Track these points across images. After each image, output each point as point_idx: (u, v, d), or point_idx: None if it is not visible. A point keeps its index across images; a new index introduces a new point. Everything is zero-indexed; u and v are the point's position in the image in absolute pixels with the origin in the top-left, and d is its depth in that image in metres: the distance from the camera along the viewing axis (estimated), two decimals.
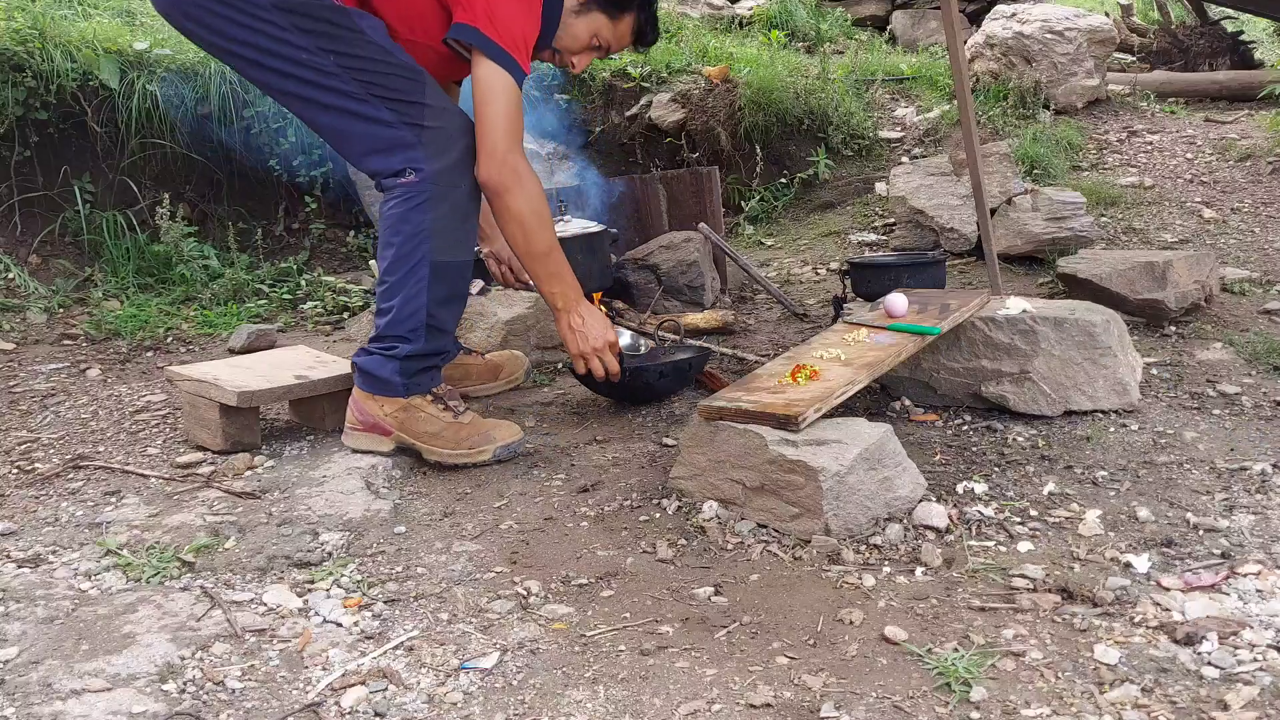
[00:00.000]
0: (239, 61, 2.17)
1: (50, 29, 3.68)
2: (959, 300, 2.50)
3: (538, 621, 1.64)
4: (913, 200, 4.20)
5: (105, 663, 1.50)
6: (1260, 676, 1.41)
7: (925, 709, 1.37)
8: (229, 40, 2.13)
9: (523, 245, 2.23)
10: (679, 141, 5.12)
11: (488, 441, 2.25)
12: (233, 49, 2.15)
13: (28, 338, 3.28)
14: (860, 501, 1.87)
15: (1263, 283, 3.60)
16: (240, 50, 2.14)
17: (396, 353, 2.22)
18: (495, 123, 2.09)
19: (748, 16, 6.67)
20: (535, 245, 2.21)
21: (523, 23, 2.12)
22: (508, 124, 2.10)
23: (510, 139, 2.10)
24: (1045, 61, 5.25)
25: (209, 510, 2.04)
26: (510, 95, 2.09)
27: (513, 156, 2.11)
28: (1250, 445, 2.26)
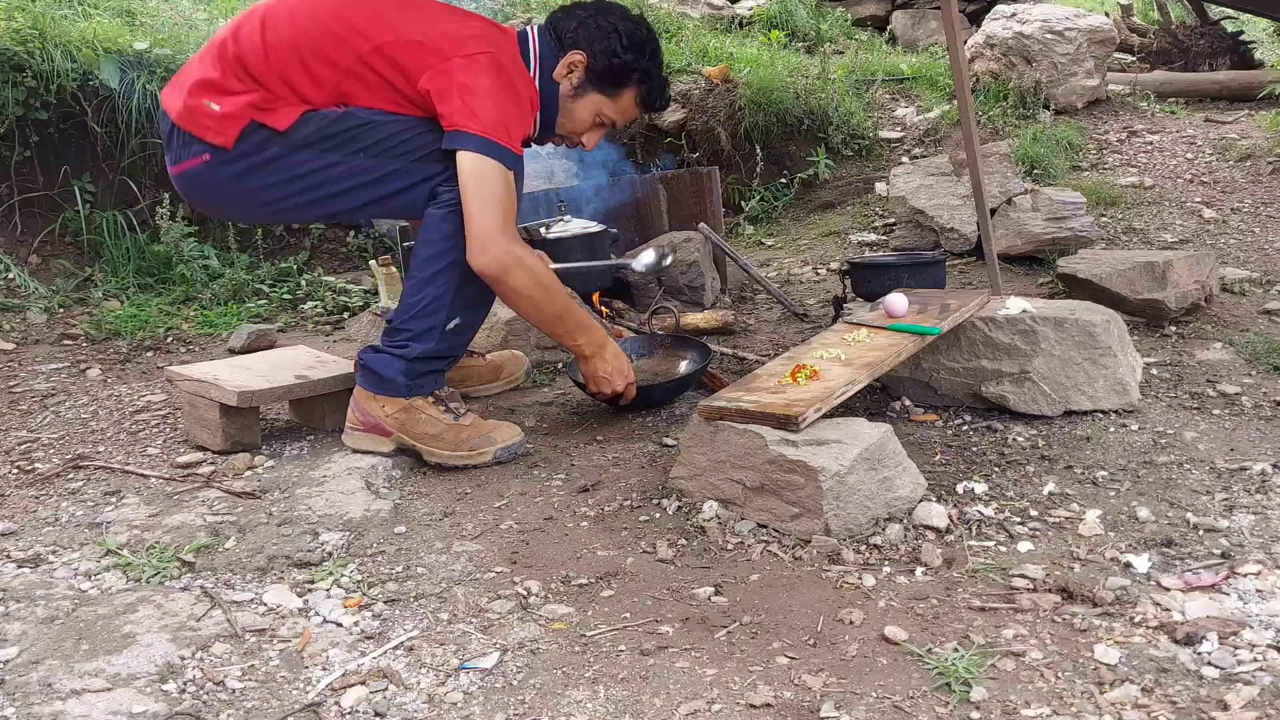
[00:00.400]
0: (291, 214, 2.30)
1: (50, 29, 3.68)
2: (959, 300, 2.50)
3: (538, 621, 1.64)
4: (913, 200, 4.20)
5: (105, 663, 1.50)
6: (1260, 676, 1.41)
7: (925, 709, 1.37)
8: (274, 203, 2.23)
9: (536, 317, 2.28)
10: (679, 141, 5.12)
11: (488, 443, 2.26)
12: (280, 207, 2.24)
13: (28, 338, 3.28)
14: (860, 501, 1.87)
15: (1263, 283, 3.60)
16: (288, 204, 2.22)
17: (406, 353, 2.22)
18: (480, 211, 2.09)
19: (748, 16, 6.67)
20: (548, 313, 2.25)
21: (507, 113, 2.12)
22: (494, 209, 2.09)
23: (497, 225, 2.09)
24: (1045, 61, 5.25)
25: (209, 510, 2.04)
26: (493, 179, 2.09)
27: (502, 242, 2.10)
28: (1250, 445, 2.26)
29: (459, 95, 2.10)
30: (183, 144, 2.20)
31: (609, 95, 2.32)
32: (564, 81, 2.31)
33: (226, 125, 2.14)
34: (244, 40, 2.17)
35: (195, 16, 4.37)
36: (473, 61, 2.13)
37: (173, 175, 2.26)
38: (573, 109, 2.33)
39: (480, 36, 2.20)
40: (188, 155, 2.20)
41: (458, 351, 2.35)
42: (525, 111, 2.20)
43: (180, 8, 4.49)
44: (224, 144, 2.14)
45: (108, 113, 3.74)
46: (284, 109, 2.15)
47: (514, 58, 2.24)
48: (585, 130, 2.37)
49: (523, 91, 2.20)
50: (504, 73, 2.16)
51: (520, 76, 2.22)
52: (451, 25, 2.22)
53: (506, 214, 2.11)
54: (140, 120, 3.77)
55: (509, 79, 2.17)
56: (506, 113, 2.12)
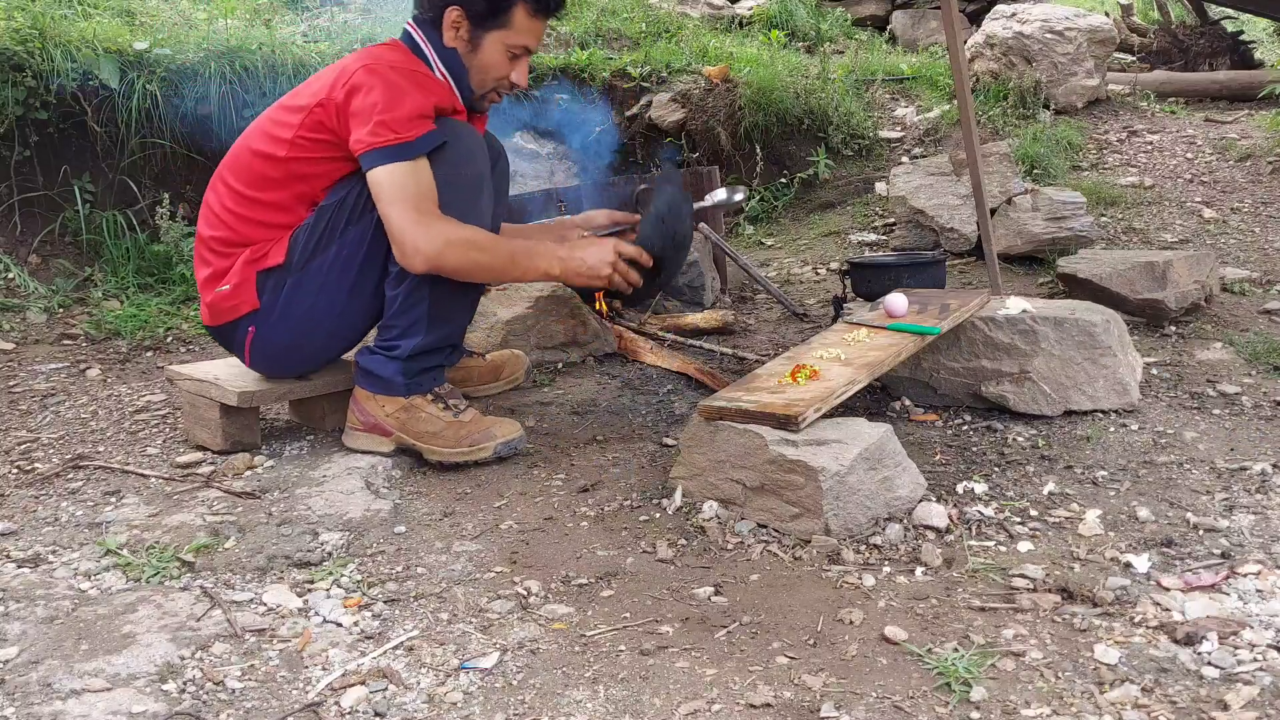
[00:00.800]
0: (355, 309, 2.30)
1: (50, 29, 3.68)
2: (959, 300, 2.50)
3: (538, 621, 1.64)
4: (913, 200, 4.20)
5: (105, 663, 1.50)
6: (1260, 676, 1.41)
7: (925, 709, 1.37)
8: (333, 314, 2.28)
9: (491, 277, 2.27)
10: (679, 141, 5.12)
11: (488, 439, 2.26)
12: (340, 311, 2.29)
13: (28, 338, 3.28)
14: (860, 501, 1.87)
15: (1263, 283, 3.60)
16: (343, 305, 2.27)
17: (398, 352, 2.23)
18: (391, 217, 2.10)
19: (748, 16, 6.67)
20: (499, 268, 2.22)
21: (392, 105, 2.11)
22: (401, 208, 2.09)
23: (409, 220, 2.09)
24: (1045, 61, 5.25)
25: (209, 510, 2.04)
26: (391, 182, 2.09)
27: (419, 235, 2.09)
28: (1250, 445, 2.26)
29: (350, 125, 2.14)
30: (232, 338, 2.32)
31: (502, 27, 2.26)
32: (457, 42, 2.27)
33: (242, 293, 2.24)
34: (205, 226, 2.29)
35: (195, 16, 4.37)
36: (349, 84, 2.14)
37: (249, 366, 2.36)
38: (479, 60, 2.29)
39: (349, 64, 2.20)
40: (243, 342, 2.30)
41: (452, 341, 2.33)
42: (415, 88, 2.16)
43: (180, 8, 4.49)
44: (252, 307, 2.24)
45: (108, 113, 3.74)
46: (273, 247, 2.23)
47: (395, 57, 2.23)
48: (505, 72, 2.31)
49: (405, 73, 2.17)
50: (380, 71, 2.15)
51: (404, 62, 2.21)
52: (324, 74, 2.26)
53: (416, 204, 2.10)
54: (140, 120, 3.77)
55: (387, 72, 2.15)
56: (391, 106, 2.11)
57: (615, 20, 5.99)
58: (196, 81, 3.87)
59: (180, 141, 3.91)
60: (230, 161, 2.29)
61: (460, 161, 2.19)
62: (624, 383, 2.85)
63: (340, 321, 2.30)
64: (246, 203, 2.24)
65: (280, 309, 2.23)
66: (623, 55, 5.51)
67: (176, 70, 3.86)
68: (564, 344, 3.01)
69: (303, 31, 4.57)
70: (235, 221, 2.25)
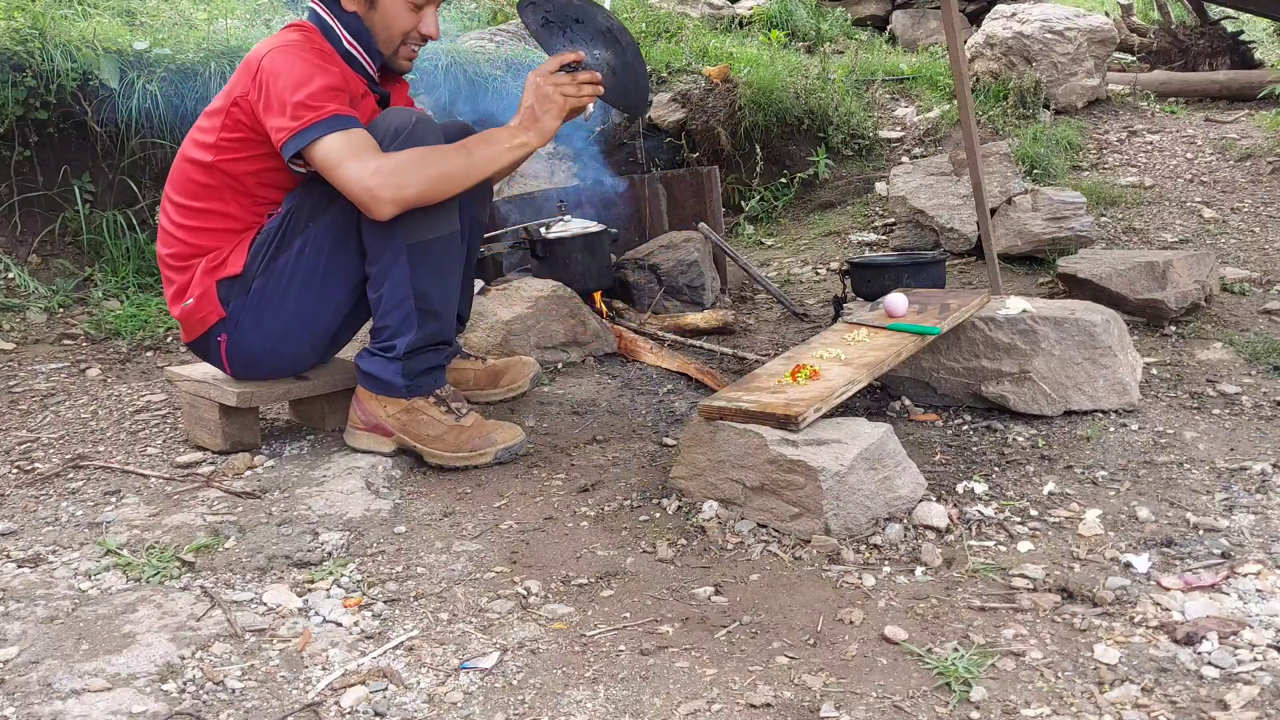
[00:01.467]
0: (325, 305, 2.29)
1: (50, 28, 3.68)
2: (959, 300, 2.50)
3: (538, 621, 1.64)
4: (913, 200, 4.20)
5: (105, 662, 1.50)
6: (1260, 676, 1.41)
7: (925, 709, 1.37)
8: (305, 312, 2.26)
9: (460, 182, 2.15)
10: (679, 141, 5.12)
11: (489, 444, 2.25)
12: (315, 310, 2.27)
13: (28, 337, 3.28)
14: (860, 501, 1.87)
15: (1263, 283, 3.60)
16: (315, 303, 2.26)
17: (395, 352, 2.22)
18: (344, 179, 2.07)
19: (748, 16, 6.67)
20: (459, 168, 2.13)
21: (300, 87, 2.08)
22: (349, 167, 2.06)
23: (362, 173, 2.05)
24: (1045, 61, 5.25)
25: (209, 510, 2.04)
26: (329, 149, 2.06)
27: (373, 180, 2.05)
28: (1250, 445, 2.26)
29: (265, 114, 2.12)
30: (207, 350, 2.32)
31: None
32: (355, 4, 2.24)
33: (207, 303, 2.24)
34: (160, 245, 2.31)
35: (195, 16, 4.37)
36: (256, 74, 2.13)
37: (230, 375, 2.35)
38: (379, 17, 2.25)
39: (254, 56, 2.19)
40: (217, 352, 2.30)
41: (444, 336, 2.30)
42: (323, 70, 2.13)
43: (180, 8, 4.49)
44: (219, 316, 2.24)
45: (108, 113, 3.73)
46: (230, 254, 2.24)
47: (298, 38, 2.20)
48: (411, 24, 2.26)
49: (309, 59, 2.13)
50: (286, 56, 2.12)
51: (308, 42, 2.18)
52: (237, 72, 2.24)
53: (357, 154, 2.06)
54: (140, 120, 3.77)
55: (293, 55, 2.13)
56: (303, 84, 2.08)
57: None
58: (196, 81, 3.87)
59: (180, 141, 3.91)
60: (170, 177, 2.30)
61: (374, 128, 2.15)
62: (624, 383, 2.85)
63: (313, 321, 2.28)
64: (190, 213, 2.24)
65: (249, 314, 2.23)
66: None
67: (176, 70, 3.86)
68: (564, 344, 3.01)
69: None
70: (184, 234, 2.25)
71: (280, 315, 2.23)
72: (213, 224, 2.24)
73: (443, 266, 2.22)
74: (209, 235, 2.24)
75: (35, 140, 3.70)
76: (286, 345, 2.30)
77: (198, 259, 2.25)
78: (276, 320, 2.24)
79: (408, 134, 2.14)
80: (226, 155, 2.19)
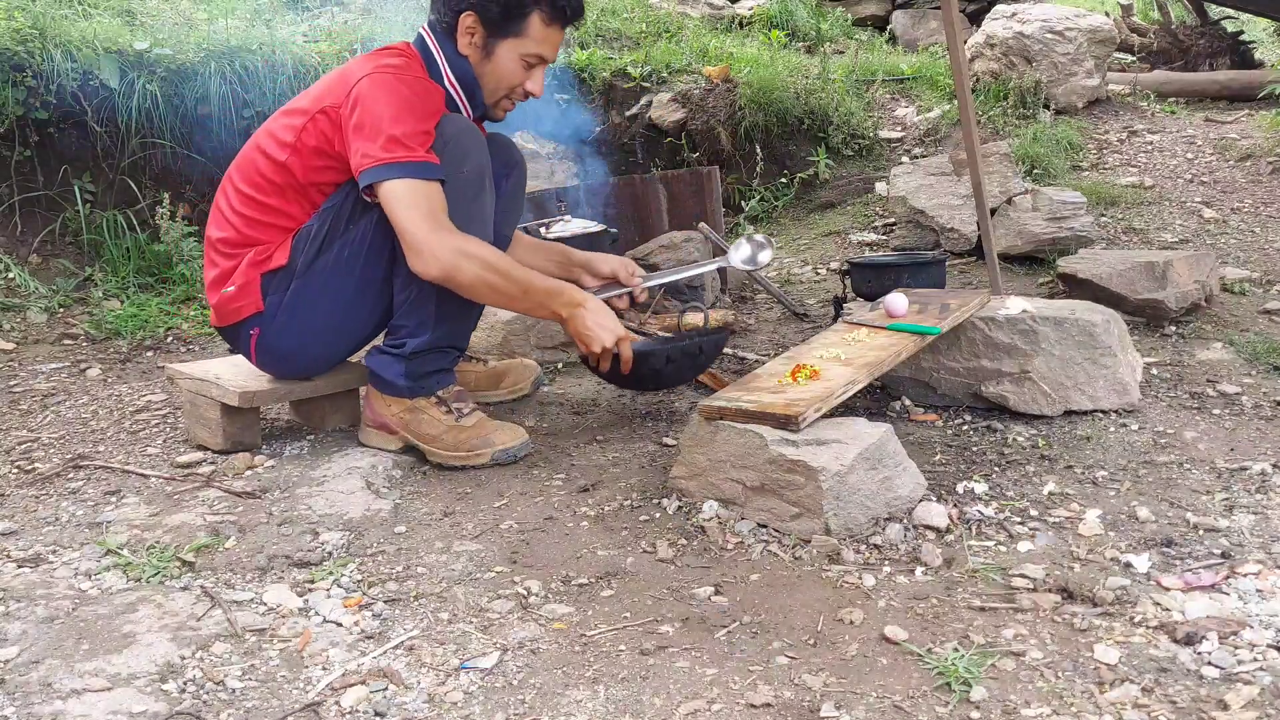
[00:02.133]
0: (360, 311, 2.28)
1: (50, 28, 3.68)
2: (959, 300, 2.50)
3: (538, 621, 1.64)
4: (913, 200, 4.20)
5: (105, 662, 1.50)
6: (1260, 676, 1.41)
7: (925, 709, 1.37)
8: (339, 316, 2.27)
9: (501, 301, 2.22)
10: (679, 141, 5.12)
11: (486, 445, 2.26)
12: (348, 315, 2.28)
13: (28, 337, 3.28)
14: (860, 501, 1.87)
15: (1263, 283, 3.60)
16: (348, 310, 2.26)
17: (403, 351, 2.23)
18: (406, 224, 2.07)
19: (748, 16, 6.67)
20: (511, 293, 2.16)
21: (400, 124, 2.08)
22: (417, 217, 2.06)
23: (426, 228, 2.06)
24: (1045, 61, 5.25)
25: (209, 510, 2.04)
26: (405, 193, 2.06)
27: (435, 240, 2.06)
28: (1250, 445, 2.26)
29: (352, 138, 2.11)
30: (237, 338, 2.32)
31: (517, 35, 2.22)
32: (470, 50, 2.24)
33: (247, 294, 2.24)
34: (213, 227, 2.30)
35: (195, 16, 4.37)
36: (353, 90, 2.12)
37: (256, 366, 2.36)
38: (493, 68, 2.25)
39: (353, 71, 2.18)
40: (247, 343, 2.30)
41: (455, 343, 2.32)
42: (424, 108, 2.14)
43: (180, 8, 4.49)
44: (256, 309, 2.23)
45: (108, 113, 3.74)
46: (277, 249, 2.23)
47: (400, 65, 2.19)
48: (520, 80, 2.28)
49: (416, 92, 2.14)
50: (385, 83, 2.12)
51: (409, 71, 2.18)
52: (330, 78, 2.25)
53: (433, 217, 2.07)
54: (140, 120, 3.77)
55: (394, 83, 2.12)
56: (399, 119, 2.08)
57: (615, 20, 5.99)
58: (196, 81, 3.87)
59: (180, 141, 3.91)
60: (238, 163, 2.30)
61: (457, 159, 2.17)
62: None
63: (344, 324, 2.29)
64: (252, 205, 2.23)
65: (284, 313, 2.23)
66: (623, 55, 5.51)
67: (176, 70, 3.86)
68: (564, 344, 3.01)
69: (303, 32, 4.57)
70: (241, 224, 2.25)
71: (314, 317, 2.24)
72: (270, 219, 2.23)
73: None
74: (264, 229, 2.23)
75: (35, 140, 3.70)
76: (315, 347, 2.31)
77: (247, 249, 2.24)
78: (310, 322, 2.24)
79: (452, 144, 2.14)
80: (301, 159, 2.18)
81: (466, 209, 2.18)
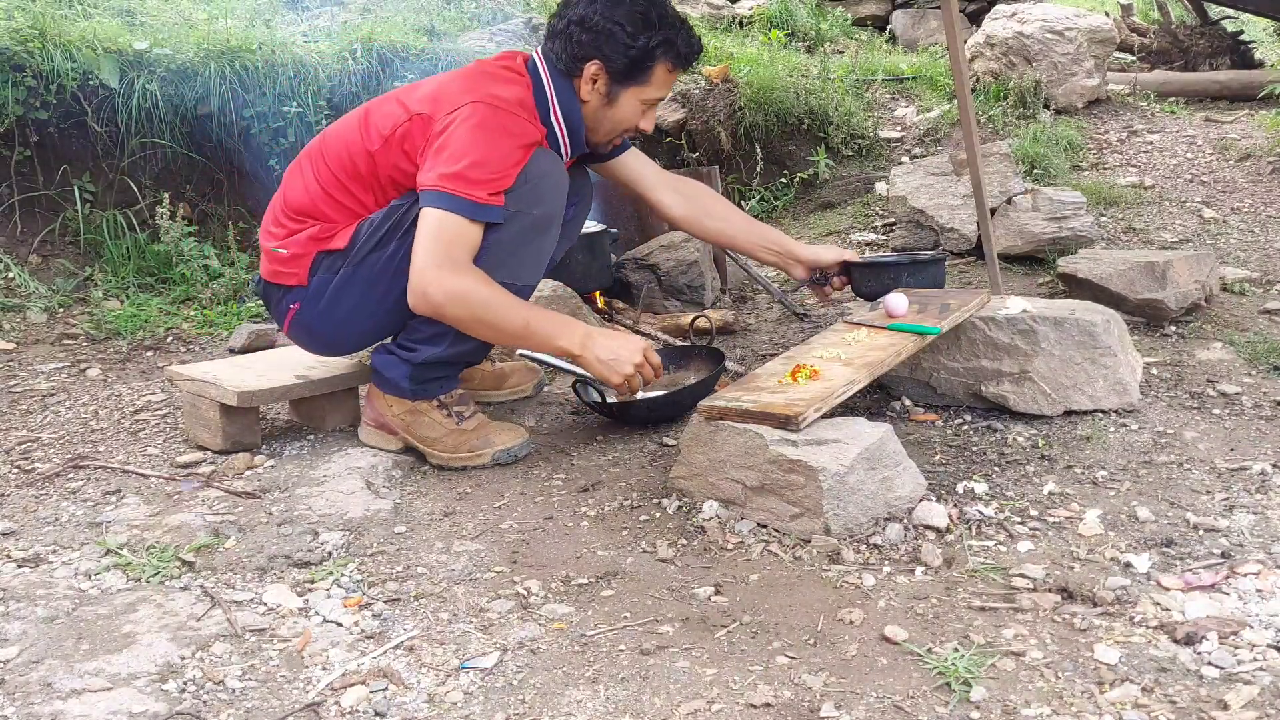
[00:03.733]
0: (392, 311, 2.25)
1: (50, 28, 3.67)
2: (959, 300, 2.50)
3: (538, 621, 1.64)
4: (913, 200, 4.20)
5: (105, 662, 1.50)
6: (1260, 676, 1.41)
7: (925, 709, 1.37)
8: (373, 313, 2.26)
9: (498, 339, 2.20)
10: (679, 141, 5.12)
11: (486, 446, 2.27)
12: (380, 312, 2.26)
13: (28, 337, 3.28)
14: (860, 501, 1.87)
15: (1263, 283, 3.59)
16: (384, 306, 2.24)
17: (413, 356, 2.23)
18: (418, 256, 2.07)
19: (748, 16, 6.67)
20: (510, 331, 2.14)
21: (475, 159, 2.06)
22: (431, 252, 2.05)
23: (432, 265, 2.05)
24: (1045, 61, 5.25)
25: (209, 510, 2.04)
26: (435, 226, 2.06)
27: (433, 279, 2.05)
28: (1250, 445, 2.26)
29: (429, 158, 2.11)
30: (276, 301, 2.32)
31: (642, 83, 2.24)
32: (592, 96, 2.25)
33: (297, 265, 2.23)
34: (289, 187, 2.28)
35: (195, 16, 4.37)
36: (454, 112, 2.11)
37: (286, 335, 2.36)
38: (613, 114, 2.28)
39: (458, 88, 2.17)
40: (283, 311, 2.30)
41: (467, 358, 2.33)
42: (510, 153, 2.11)
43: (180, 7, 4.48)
44: (300, 283, 2.23)
45: (108, 112, 3.73)
46: (341, 231, 2.22)
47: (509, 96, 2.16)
48: (635, 122, 2.31)
49: (511, 132, 2.12)
50: (483, 124, 2.09)
51: (511, 120, 2.13)
52: (440, 81, 2.23)
53: (447, 253, 2.05)
54: (140, 120, 3.77)
55: (491, 117, 2.10)
56: (474, 159, 2.06)
57: None
58: (196, 81, 3.87)
59: (180, 141, 3.91)
60: (335, 135, 2.27)
61: (532, 201, 2.15)
62: None
63: (384, 320, 2.28)
64: (333, 183, 2.22)
65: (327, 299, 2.22)
66: None
67: (176, 70, 3.86)
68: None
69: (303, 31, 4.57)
70: (317, 197, 2.23)
71: (358, 307, 2.23)
72: (345, 201, 2.22)
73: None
74: (336, 209, 2.22)
75: (35, 140, 3.70)
76: (350, 335, 2.31)
77: (314, 223, 2.23)
78: (352, 309, 2.23)
79: (533, 186, 2.13)
80: (389, 155, 2.18)
81: (522, 250, 2.17)
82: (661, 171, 2.63)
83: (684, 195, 2.60)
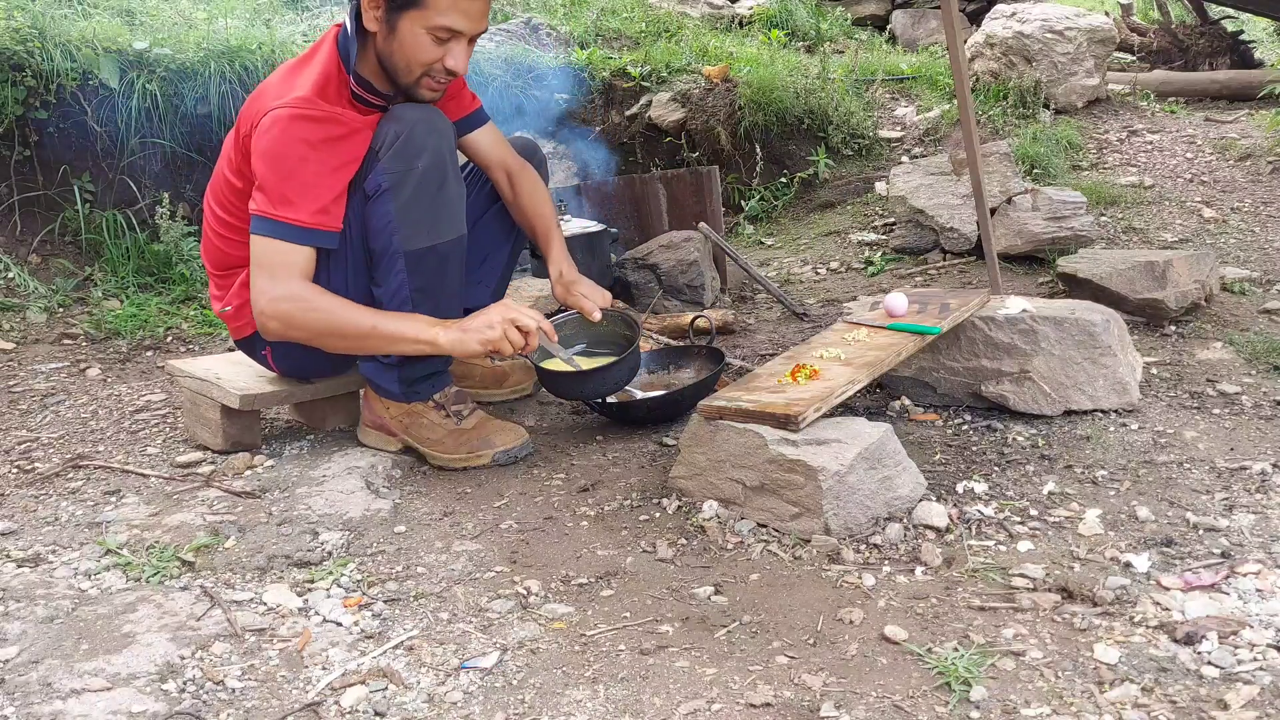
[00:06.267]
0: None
1: (50, 28, 3.68)
2: (959, 300, 2.50)
3: (538, 621, 1.64)
4: (913, 200, 4.20)
5: (105, 662, 1.50)
6: (1260, 676, 1.41)
7: (925, 708, 1.37)
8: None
9: (350, 346, 2.12)
10: (679, 141, 5.12)
11: (487, 446, 2.27)
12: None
13: (28, 337, 3.28)
14: (860, 501, 1.87)
15: (1263, 282, 3.60)
16: None
17: (390, 359, 2.22)
18: (253, 284, 2.05)
19: (748, 16, 6.67)
20: (355, 335, 2.06)
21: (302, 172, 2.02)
22: (260, 279, 2.03)
23: (263, 292, 2.03)
24: (1045, 61, 5.25)
25: (209, 510, 2.04)
26: (260, 253, 2.03)
27: (266, 304, 2.02)
28: (1250, 445, 2.26)
29: (256, 174, 2.06)
30: (253, 352, 2.35)
31: (416, 7, 2.00)
32: (375, 26, 2.05)
33: (245, 314, 2.22)
34: (203, 247, 2.31)
35: (195, 16, 4.37)
36: (256, 131, 2.04)
37: (282, 376, 2.40)
38: (398, 46, 2.05)
39: (259, 104, 2.08)
40: (263, 359, 2.34)
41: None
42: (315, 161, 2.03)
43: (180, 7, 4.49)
44: (255, 329, 2.19)
45: (107, 112, 3.73)
46: None
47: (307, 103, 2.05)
48: (434, 57, 2.05)
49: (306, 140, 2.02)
50: (282, 128, 2.01)
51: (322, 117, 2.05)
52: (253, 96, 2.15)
53: (273, 271, 2.02)
54: (140, 120, 3.77)
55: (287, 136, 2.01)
56: (288, 175, 2.01)
57: (615, 20, 5.99)
58: (196, 81, 3.87)
59: (180, 141, 3.91)
60: (211, 183, 2.25)
61: (409, 156, 2.07)
62: None
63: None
64: (227, 226, 2.20)
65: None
66: (623, 55, 5.51)
67: (176, 70, 3.86)
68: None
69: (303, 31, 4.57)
70: (221, 244, 2.23)
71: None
72: (247, 240, 2.12)
73: (444, 274, 2.16)
74: (245, 249, 2.13)
75: (35, 140, 3.70)
76: (325, 361, 2.26)
77: (237, 269, 2.22)
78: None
79: (404, 140, 2.06)
80: (248, 182, 2.11)
81: (430, 205, 2.10)
82: (505, 153, 2.48)
83: (508, 184, 2.49)
